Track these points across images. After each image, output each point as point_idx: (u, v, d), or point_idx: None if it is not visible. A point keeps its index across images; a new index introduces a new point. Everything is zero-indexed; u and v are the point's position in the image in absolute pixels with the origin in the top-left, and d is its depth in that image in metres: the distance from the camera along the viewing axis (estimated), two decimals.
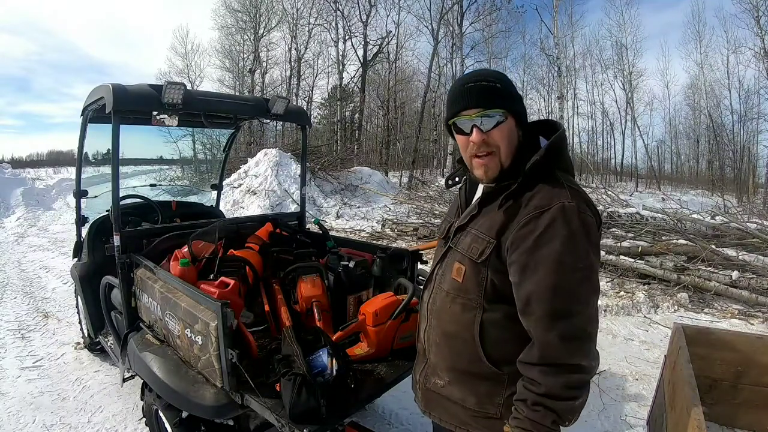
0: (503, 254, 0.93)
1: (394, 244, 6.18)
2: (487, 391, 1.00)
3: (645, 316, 4.03)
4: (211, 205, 3.49)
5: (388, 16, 20.41)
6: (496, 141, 0.96)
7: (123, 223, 2.10)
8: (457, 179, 1.20)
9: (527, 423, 0.88)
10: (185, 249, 1.97)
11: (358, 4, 19.37)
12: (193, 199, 5.19)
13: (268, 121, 2.66)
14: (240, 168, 10.75)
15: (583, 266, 0.86)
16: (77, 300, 2.99)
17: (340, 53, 19.89)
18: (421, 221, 8.16)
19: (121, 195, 2.09)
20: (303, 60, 21.38)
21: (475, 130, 0.95)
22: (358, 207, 10.68)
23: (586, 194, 0.94)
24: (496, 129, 0.95)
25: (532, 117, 1.12)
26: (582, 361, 0.87)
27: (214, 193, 3.59)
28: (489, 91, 0.95)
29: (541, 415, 0.87)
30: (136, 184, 4.79)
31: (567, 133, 1.03)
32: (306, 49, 21.17)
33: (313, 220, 3.03)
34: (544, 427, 0.87)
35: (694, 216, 6.67)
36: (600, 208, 6.89)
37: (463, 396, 1.03)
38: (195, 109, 2.17)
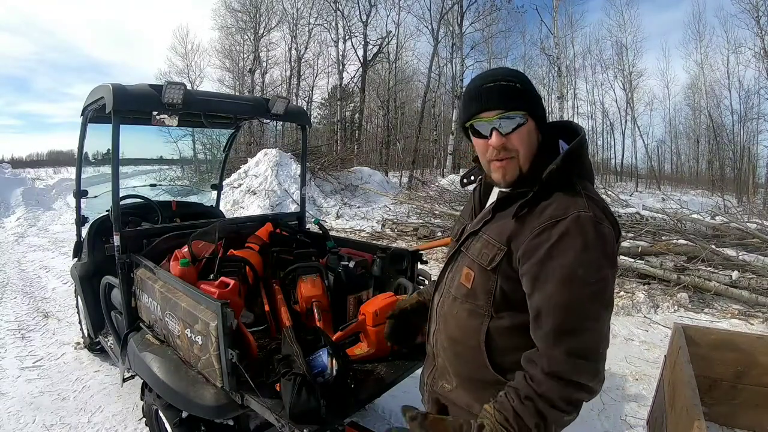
0: (514, 262, 0.90)
1: (394, 244, 6.17)
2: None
3: (645, 316, 4.03)
4: (211, 205, 3.49)
5: (388, 16, 20.36)
6: (515, 145, 0.91)
7: (123, 223, 2.10)
8: (472, 178, 1.16)
9: (510, 412, 0.84)
10: (185, 249, 1.97)
11: (358, 4, 19.38)
12: (193, 199, 5.18)
13: (268, 121, 2.66)
14: (240, 168, 10.75)
15: (595, 280, 0.82)
16: (77, 300, 2.99)
17: (340, 53, 19.90)
18: (421, 221, 8.15)
19: (121, 195, 2.09)
20: (303, 60, 21.37)
21: (494, 133, 0.90)
22: (358, 207, 10.68)
23: (604, 203, 0.90)
24: (516, 132, 0.90)
25: None
26: (588, 381, 0.83)
27: (214, 193, 3.59)
28: (509, 92, 0.89)
29: (528, 411, 0.83)
30: (136, 184, 4.80)
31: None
32: (306, 49, 21.16)
33: (313, 220, 3.03)
34: (524, 426, 0.83)
35: (694, 216, 6.68)
36: None
37: (469, 402, 1.01)
38: (195, 109, 2.18)
